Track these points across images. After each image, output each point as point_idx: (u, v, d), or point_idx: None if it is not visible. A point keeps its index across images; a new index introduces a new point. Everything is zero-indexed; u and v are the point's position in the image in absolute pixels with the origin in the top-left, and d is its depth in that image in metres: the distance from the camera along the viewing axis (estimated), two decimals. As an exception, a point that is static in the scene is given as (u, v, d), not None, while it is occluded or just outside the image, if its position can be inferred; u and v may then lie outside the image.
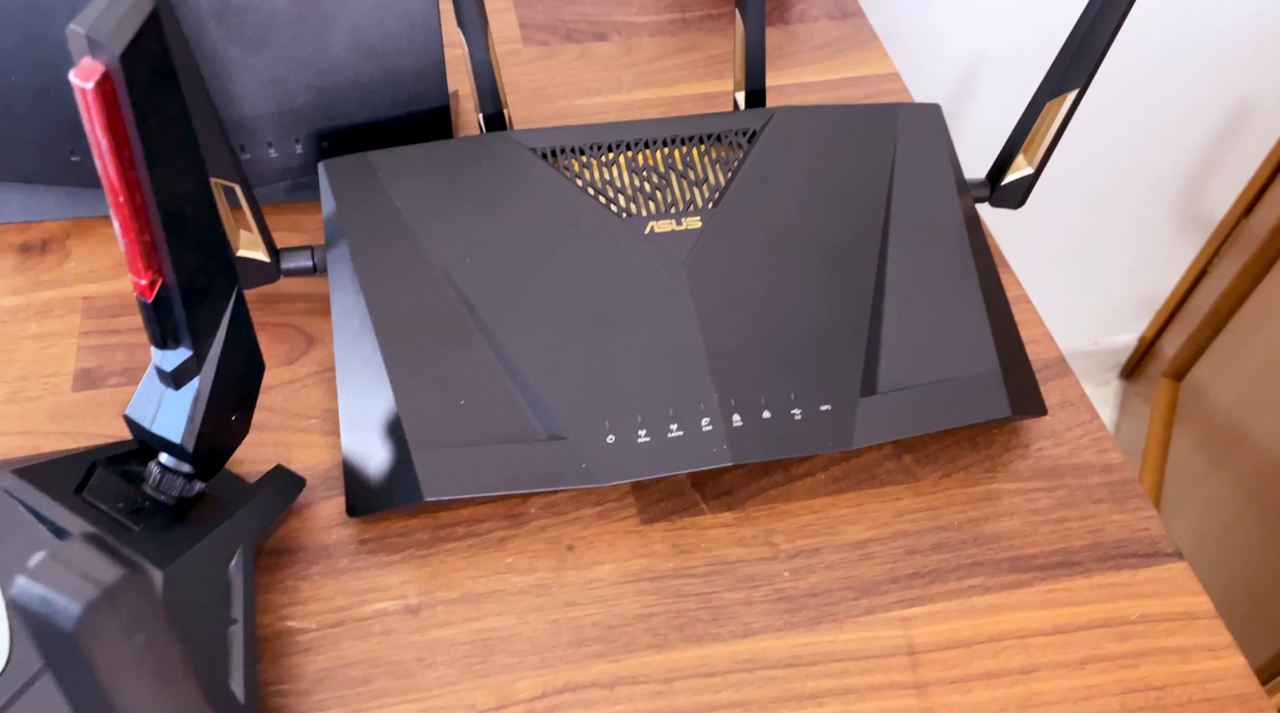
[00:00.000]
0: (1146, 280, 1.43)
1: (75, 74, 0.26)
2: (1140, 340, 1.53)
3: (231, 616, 0.36)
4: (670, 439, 0.43)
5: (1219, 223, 1.35)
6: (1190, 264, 1.40)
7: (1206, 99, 1.13)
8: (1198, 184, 1.27)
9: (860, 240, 0.49)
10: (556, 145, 0.50)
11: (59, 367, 0.47)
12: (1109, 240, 1.32)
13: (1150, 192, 1.26)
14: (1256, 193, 1.27)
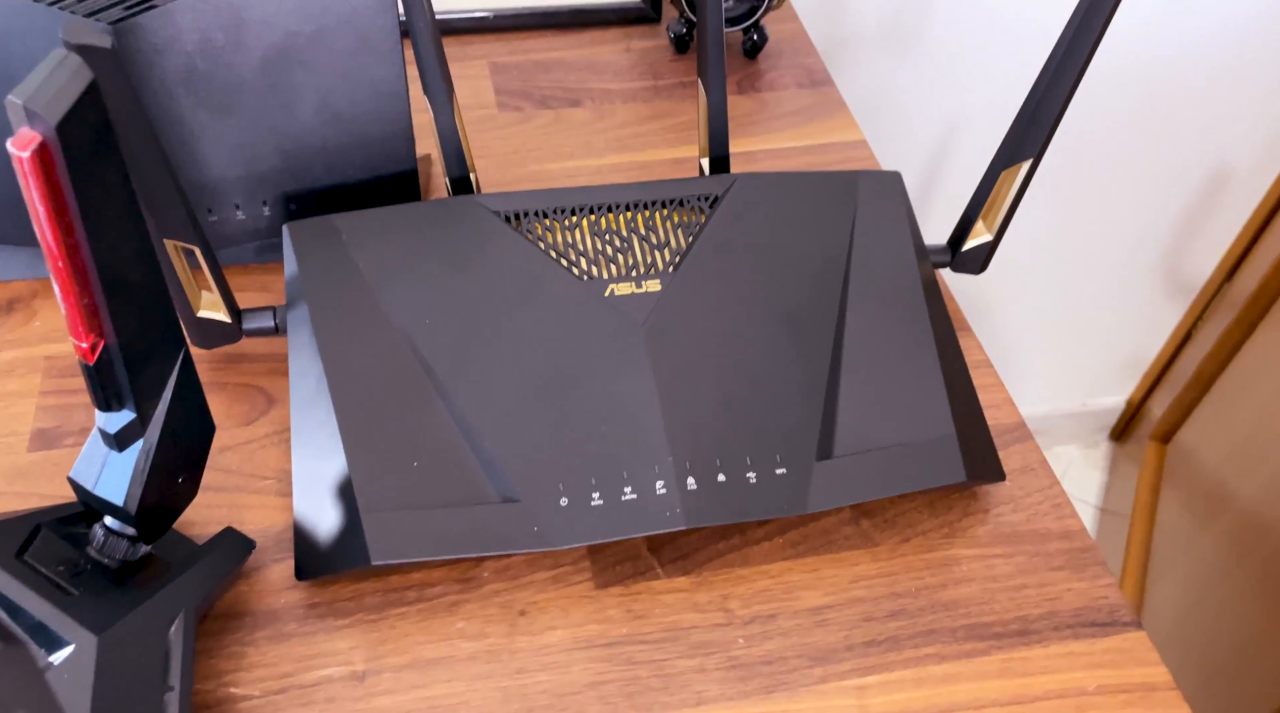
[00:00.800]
0: (1132, 343, 1.43)
1: (12, 143, 0.26)
2: (1128, 403, 1.53)
3: (169, 683, 0.35)
4: (624, 502, 0.42)
5: (1202, 286, 1.36)
6: (1175, 327, 1.41)
7: (1187, 163, 1.15)
8: (1180, 248, 1.29)
9: (819, 305, 0.49)
10: (520, 209, 0.50)
11: (16, 426, 0.47)
12: (1095, 303, 1.33)
13: (1134, 255, 1.27)
14: (1238, 257, 1.28)
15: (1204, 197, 1.22)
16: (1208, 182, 1.20)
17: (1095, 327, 1.37)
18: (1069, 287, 1.28)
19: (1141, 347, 1.45)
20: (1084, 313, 1.34)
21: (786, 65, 0.74)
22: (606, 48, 0.74)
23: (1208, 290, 1.36)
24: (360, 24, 0.48)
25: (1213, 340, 1.32)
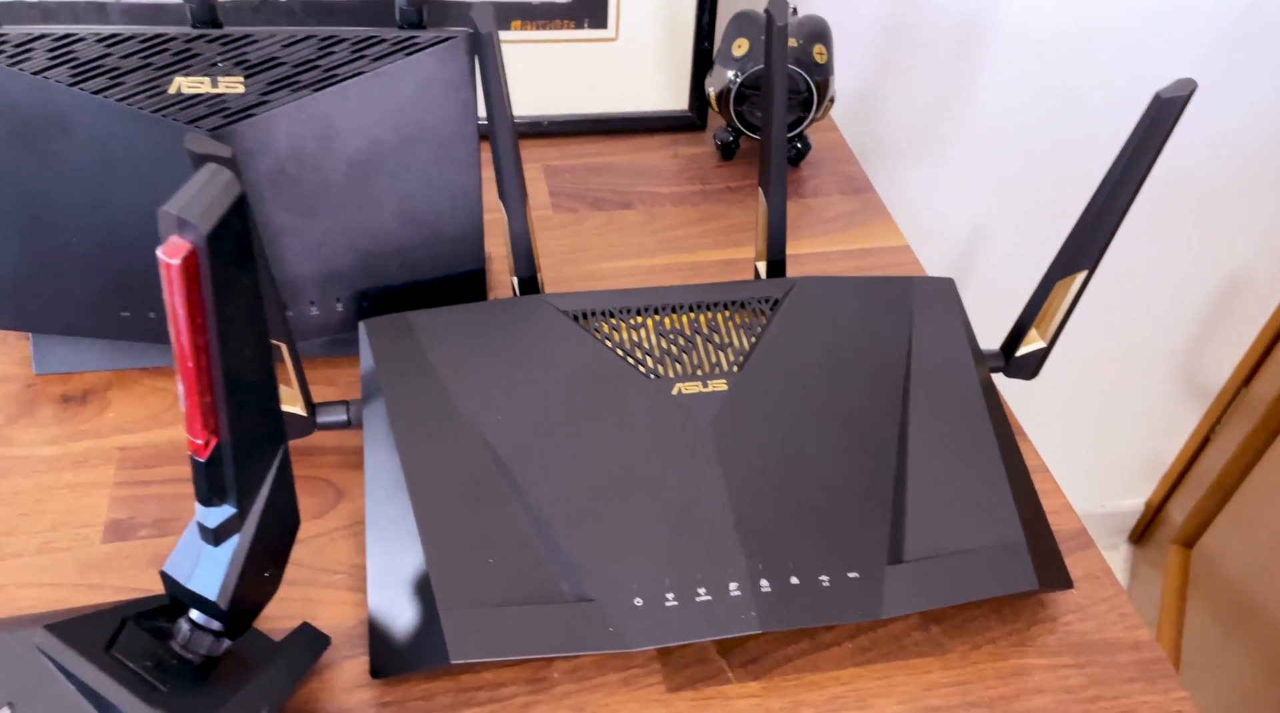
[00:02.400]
0: (1150, 446, 1.44)
1: (163, 251, 0.28)
2: (1147, 505, 1.52)
3: (251, 783, 0.35)
4: (698, 604, 0.43)
5: (1219, 391, 1.37)
6: (1193, 431, 1.42)
7: (1203, 268, 1.17)
8: (1197, 353, 1.30)
9: (881, 408, 0.50)
10: (588, 308, 0.52)
11: (90, 518, 0.47)
12: (1112, 405, 1.33)
13: (1151, 358, 1.29)
14: (1255, 363, 1.30)
15: (1220, 302, 1.24)
16: (1224, 287, 1.22)
17: (1113, 429, 1.38)
18: (1086, 388, 1.29)
19: (1160, 449, 1.45)
20: (1101, 415, 1.34)
21: (828, 173, 0.77)
22: (654, 153, 0.77)
23: (1225, 394, 1.37)
24: (443, 133, 0.50)
25: (1234, 445, 1.32)
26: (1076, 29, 0.94)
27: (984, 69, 0.95)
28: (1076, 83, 0.98)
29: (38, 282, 0.50)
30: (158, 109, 0.46)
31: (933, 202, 1.02)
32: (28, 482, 0.48)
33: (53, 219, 0.48)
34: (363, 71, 0.47)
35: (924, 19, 0.90)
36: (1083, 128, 1.01)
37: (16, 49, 0.44)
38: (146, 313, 0.51)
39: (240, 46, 0.46)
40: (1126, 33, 0.95)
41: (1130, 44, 0.96)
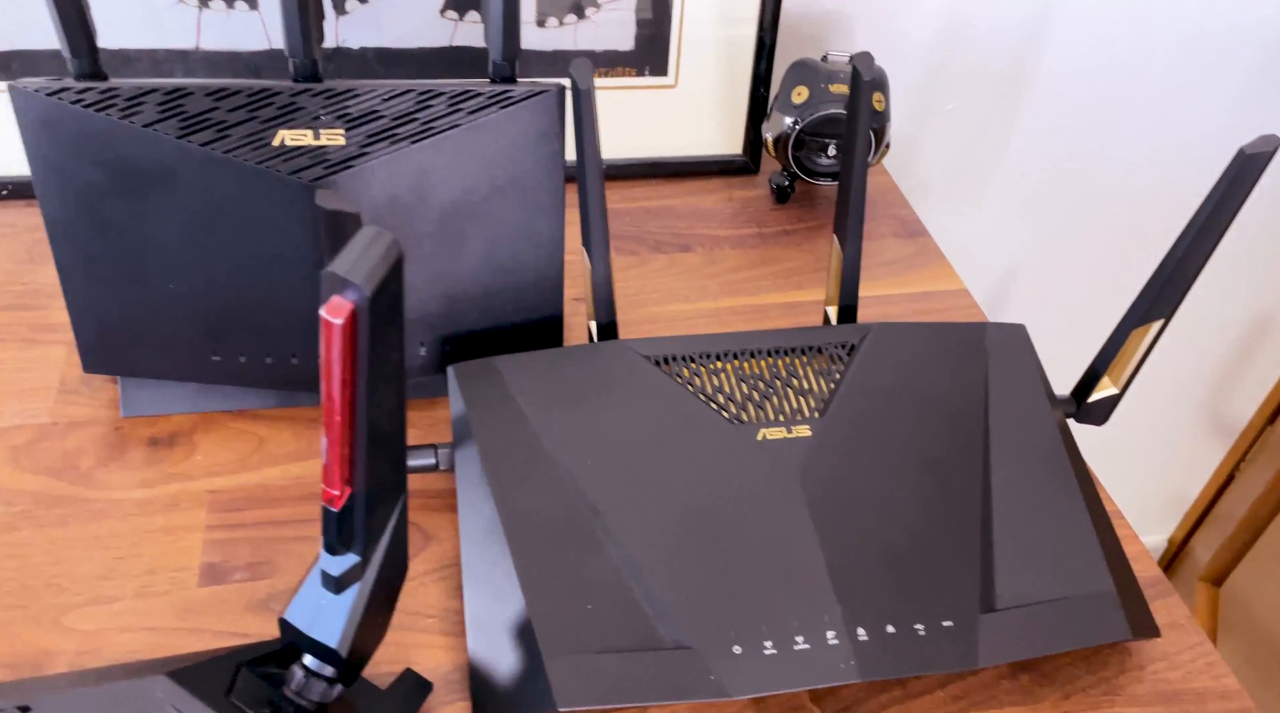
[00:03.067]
0: (1173, 482, 1.44)
1: (326, 310, 0.29)
2: (1170, 541, 1.52)
3: (371, 832, 0.35)
4: (796, 652, 0.43)
5: (1244, 428, 1.38)
6: (1217, 467, 1.42)
7: (1230, 307, 1.18)
8: (1222, 389, 1.31)
9: (962, 454, 0.50)
10: (668, 353, 0.53)
11: (185, 561, 0.48)
12: (1135, 440, 1.34)
13: (1175, 394, 1.29)
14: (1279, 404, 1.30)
15: (1246, 339, 1.25)
16: (1249, 323, 1.23)
17: (1136, 464, 1.38)
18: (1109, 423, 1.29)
19: (1183, 485, 1.45)
20: (1124, 450, 1.35)
21: (882, 216, 0.78)
22: (710, 196, 0.78)
23: (1250, 432, 1.38)
24: (531, 182, 0.51)
25: (1259, 484, 1.32)
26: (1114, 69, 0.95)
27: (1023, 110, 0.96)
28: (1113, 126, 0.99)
29: (134, 327, 0.51)
30: (261, 161, 0.47)
31: (969, 242, 1.03)
32: (123, 525, 0.49)
33: (153, 266, 0.49)
34: (458, 124, 0.49)
35: (967, 63, 0.91)
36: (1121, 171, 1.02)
37: (128, 102, 0.45)
38: (237, 357, 0.52)
39: (342, 100, 0.47)
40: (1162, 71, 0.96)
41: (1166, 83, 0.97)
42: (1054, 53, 0.93)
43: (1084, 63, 0.94)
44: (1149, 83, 0.96)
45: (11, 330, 0.58)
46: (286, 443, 0.54)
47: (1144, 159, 1.02)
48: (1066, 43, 0.92)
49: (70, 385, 0.55)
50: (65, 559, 0.47)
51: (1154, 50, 0.94)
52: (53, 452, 0.52)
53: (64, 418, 0.53)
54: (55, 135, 0.45)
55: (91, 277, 0.49)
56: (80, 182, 0.46)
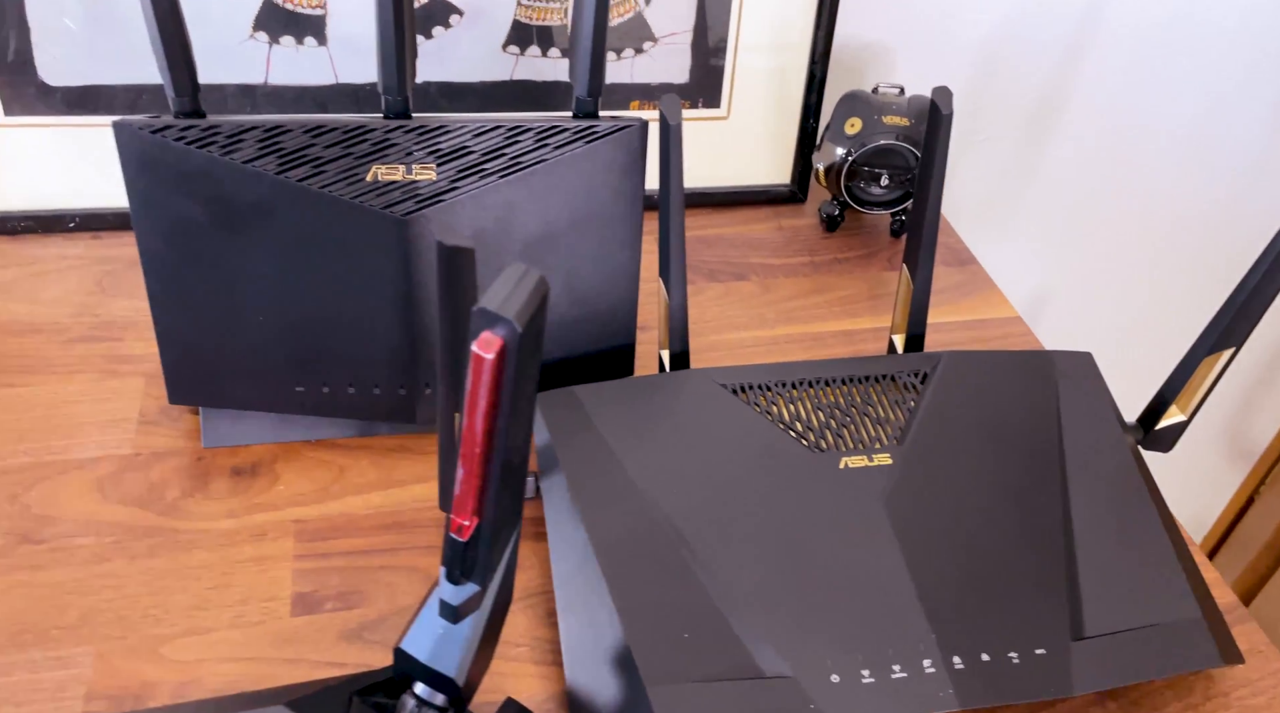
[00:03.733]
0: (1192, 506, 1.44)
1: (477, 345, 0.29)
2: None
3: None
4: (894, 680, 0.43)
5: (1263, 452, 1.38)
6: (1236, 491, 1.43)
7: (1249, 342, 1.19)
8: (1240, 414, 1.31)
9: (1040, 480, 0.51)
10: (745, 382, 0.53)
11: (276, 591, 0.48)
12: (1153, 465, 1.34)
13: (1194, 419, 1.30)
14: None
15: (1266, 365, 1.26)
16: (1269, 350, 1.24)
17: (1162, 486, 1.39)
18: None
19: (1202, 509, 1.46)
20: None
21: (931, 244, 0.79)
22: (760, 225, 0.79)
23: (1269, 456, 1.38)
24: (611, 214, 0.52)
25: (1279, 510, 1.32)
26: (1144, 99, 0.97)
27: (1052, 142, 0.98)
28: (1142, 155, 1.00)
29: (221, 358, 0.51)
30: (355, 196, 0.48)
31: (1002, 268, 1.04)
32: (212, 556, 0.49)
33: (244, 299, 0.50)
34: (545, 159, 0.49)
35: (1001, 93, 0.93)
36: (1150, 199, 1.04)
37: (228, 139, 0.46)
38: (320, 388, 0.53)
39: (434, 136, 0.48)
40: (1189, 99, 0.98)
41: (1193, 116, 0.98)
42: (1086, 83, 0.94)
43: (1114, 94, 0.95)
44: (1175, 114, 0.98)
45: (89, 362, 0.59)
46: (366, 472, 0.54)
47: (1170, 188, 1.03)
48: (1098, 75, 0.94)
49: (150, 416, 0.56)
50: (159, 590, 0.47)
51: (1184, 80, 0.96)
52: (138, 483, 0.52)
53: (146, 449, 0.54)
54: (156, 171, 0.46)
55: (183, 309, 0.49)
56: (178, 216, 0.47)
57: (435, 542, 0.51)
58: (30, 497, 0.51)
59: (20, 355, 0.59)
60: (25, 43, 0.61)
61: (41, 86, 0.63)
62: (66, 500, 0.51)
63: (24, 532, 0.49)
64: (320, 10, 0.64)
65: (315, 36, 0.65)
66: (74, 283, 0.64)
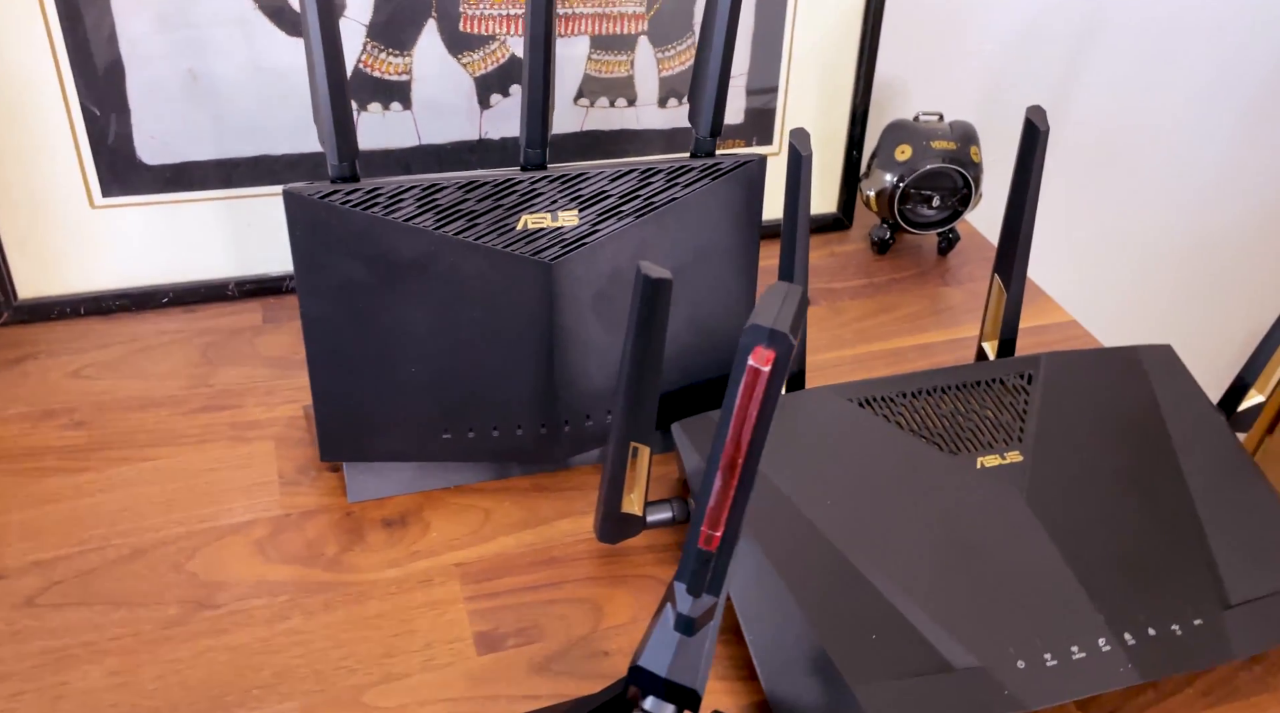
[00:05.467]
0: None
1: (753, 359, 0.32)
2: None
3: None
4: (1075, 661, 0.46)
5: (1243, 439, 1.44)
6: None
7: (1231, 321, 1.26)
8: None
9: (1157, 464, 0.54)
10: (869, 395, 0.56)
11: (457, 633, 0.49)
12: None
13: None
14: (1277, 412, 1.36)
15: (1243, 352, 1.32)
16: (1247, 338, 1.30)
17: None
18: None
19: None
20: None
21: (977, 258, 0.83)
22: (814, 253, 0.82)
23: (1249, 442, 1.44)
24: (733, 245, 0.55)
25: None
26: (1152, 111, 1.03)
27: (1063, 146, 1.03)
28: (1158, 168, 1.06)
29: (373, 413, 0.53)
30: (506, 244, 0.50)
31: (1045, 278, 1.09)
32: (386, 604, 0.50)
33: (399, 353, 0.51)
34: (676, 197, 0.52)
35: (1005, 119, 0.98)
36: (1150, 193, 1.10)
37: (389, 200, 0.48)
38: (466, 434, 0.54)
39: (576, 183, 0.51)
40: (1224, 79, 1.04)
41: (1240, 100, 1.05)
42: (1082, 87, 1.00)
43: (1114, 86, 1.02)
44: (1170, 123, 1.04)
45: (216, 431, 0.60)
46: (511, 513, 0.56)
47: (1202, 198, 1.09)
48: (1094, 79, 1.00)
49: (288, 477, 0.57)
50: (344, 642, 0.48)
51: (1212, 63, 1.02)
52: (295, 541, 0.53)
53: (294, 509, 0.55)
54: (322, 235, 0.48)
55: (340, 369, 0.51)
56: (341, 277, 0.49)
57: (592, 574, 0.53)
58: (194, 565, 0.51)
59: (146, 430, 0.59)
60: (126, 125, 0.63)
61: (139, 166, 0.64)
62: (230, 565, 0.51)
63: (198, 599, 0.50)
64: (405, 77, 0.67)
65: (401, 101, 0.67)
66: (180, 356, 0.65)
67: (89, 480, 0.56)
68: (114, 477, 0.56)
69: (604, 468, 0.48)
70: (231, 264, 0.69)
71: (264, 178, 0.67)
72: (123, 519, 0.53)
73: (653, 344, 0.42)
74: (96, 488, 0.55)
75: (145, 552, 0.52)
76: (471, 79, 0.68)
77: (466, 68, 0.68)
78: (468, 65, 0.68)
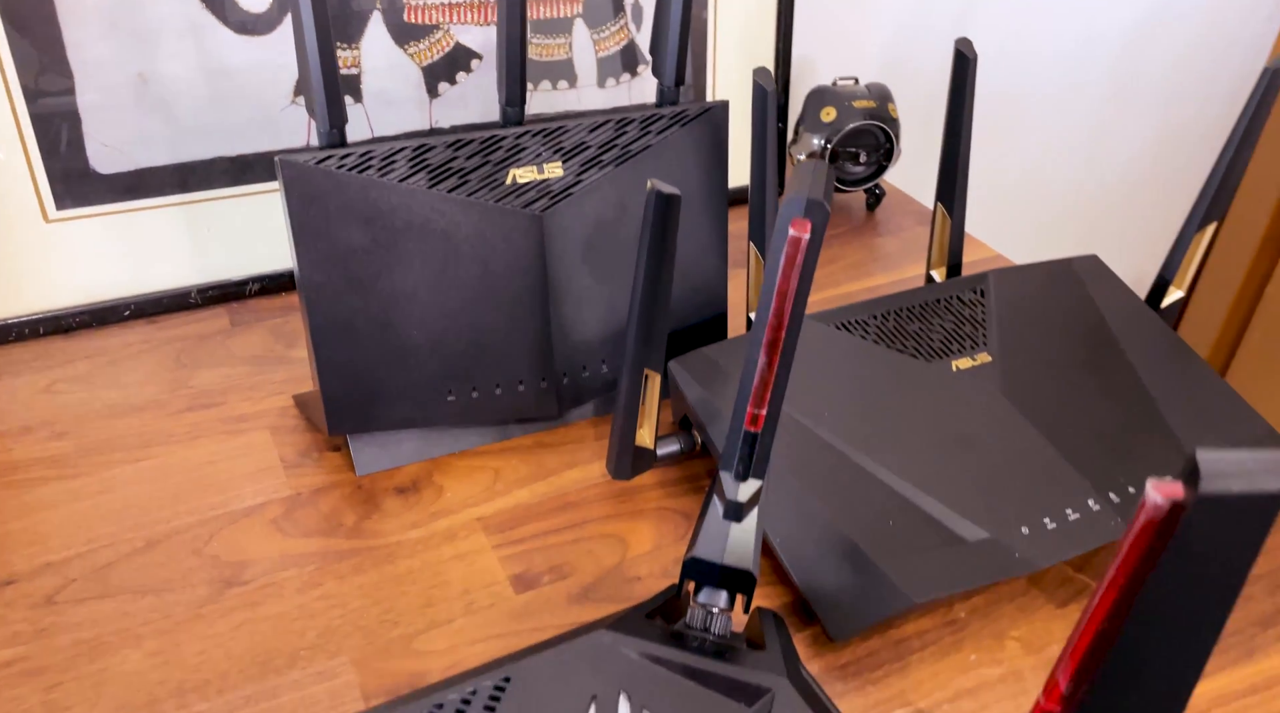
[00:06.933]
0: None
1: (793, 228, 0.34)
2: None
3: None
4: (1072, 522, 0.50)
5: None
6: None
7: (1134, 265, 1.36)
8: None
9: (1107, 354, 0.59)
10: (846, 319, 0.59)
11: (492, 577, 0.50)
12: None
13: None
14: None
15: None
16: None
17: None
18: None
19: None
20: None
21: (904, 213, 0.88)
22: (754, 220, 0.86)
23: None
24: (704, 189, 0.58)
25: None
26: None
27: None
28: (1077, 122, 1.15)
29: (377, 381, 0.53)
30: (498, 198, 0.52)
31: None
32: (416, 561, 0.51)
33: (400, 318, 0.52)
34: (650, 144, 0.55)
35: (911, 83, 1.05)
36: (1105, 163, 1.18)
37: (383, 161, 0.49)
38: (470, 394, 0.55)
39: (557, 136, 0.53)
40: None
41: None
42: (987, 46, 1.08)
43: (1009, 69, 1.10)
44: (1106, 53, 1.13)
45: (205, 427, 0.59)
46: (519, 469, 0.57)
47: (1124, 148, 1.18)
48: (989, 52, 1.08)
49: (291, 461, 0.57)
50: (381, 599, 0.48)
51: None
52: (311, 517, 0.53)
53: (304, 488, 0.55)
54: (319, 201, 0.48)
55: (343, 338, 0.51)
56: (339, 243, 0.49)
57: (610, 513, 0.54)
58: (213, 549, 0.51)
59: (134, 433, 0.58)
60: (77, 133, 0.62)
61: (93, 176, 0.63)
62: (250, 545, 0.51)
63: (224, 578, 0.49)
64: (355, 69, 0.68)
65: (352, 94, 0.68)
66: (152, 363, 0.64)
67: (84, 485, 0.54)
68: (110, 479, 0.55)
69: (618, 400, 0.50)
70: (193, 272, 0.69)
71: (220, 180, 0.67)
72: (129, 516, 0.52)
73: (665, 262, 0.45)
74: (94, 490, 0.54)
75: (159, 542, 0.51)
76: (419, 69, 0.70)
77: (413, 58, 0.69)
78: (414, 55, 0.69)
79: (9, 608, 0.47)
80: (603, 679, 0.38)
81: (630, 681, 0.38)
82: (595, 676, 0.38)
